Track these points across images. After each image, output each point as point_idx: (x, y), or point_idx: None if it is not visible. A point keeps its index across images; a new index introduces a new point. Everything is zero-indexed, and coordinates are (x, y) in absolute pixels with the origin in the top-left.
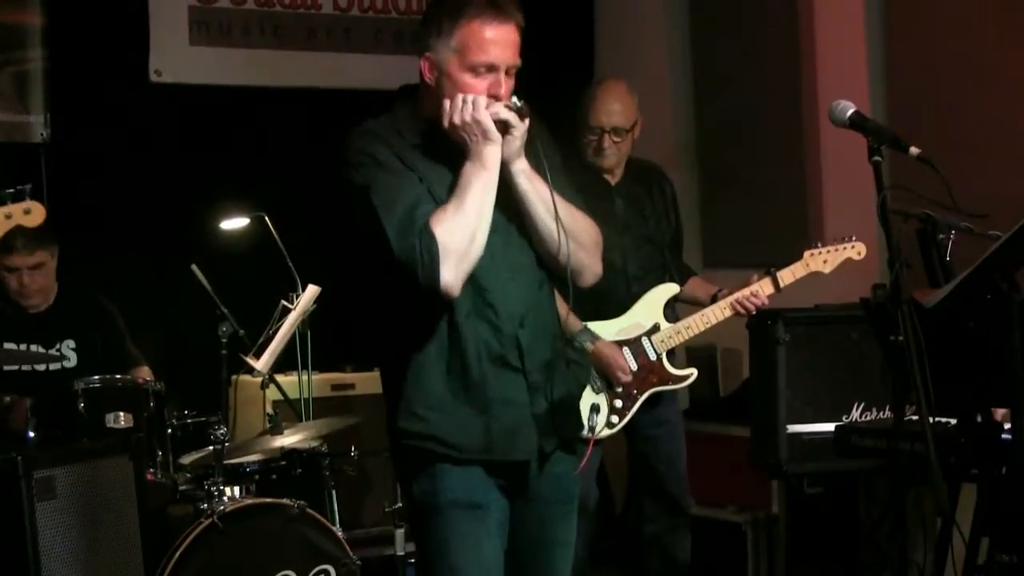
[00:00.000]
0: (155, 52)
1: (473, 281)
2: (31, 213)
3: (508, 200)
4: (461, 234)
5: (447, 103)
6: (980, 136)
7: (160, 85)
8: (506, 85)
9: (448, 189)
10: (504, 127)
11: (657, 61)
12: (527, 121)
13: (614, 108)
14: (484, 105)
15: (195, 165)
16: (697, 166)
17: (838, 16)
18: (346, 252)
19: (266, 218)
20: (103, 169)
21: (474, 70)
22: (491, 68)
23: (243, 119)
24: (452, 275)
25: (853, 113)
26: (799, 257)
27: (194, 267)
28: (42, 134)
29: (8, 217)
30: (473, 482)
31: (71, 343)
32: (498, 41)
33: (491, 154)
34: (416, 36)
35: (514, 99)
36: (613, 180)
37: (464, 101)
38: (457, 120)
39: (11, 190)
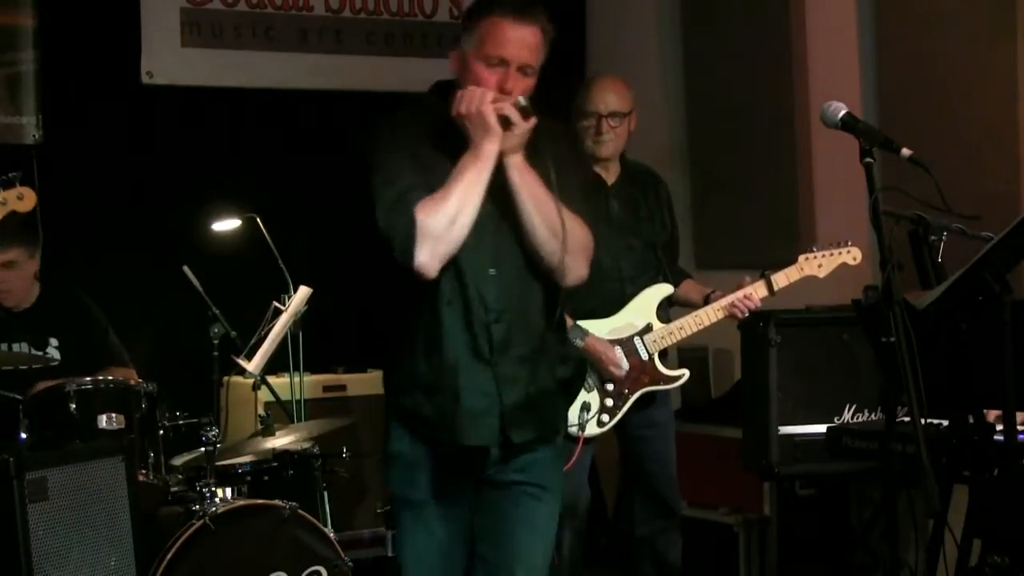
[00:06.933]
0: (147, 54)
1: (456, 270)
2: (24, 199)
3: (504, 195)
4: (441, 217)
5: (460, 93)
6: (971, 137)
7: (152, 87)
8: (518, 83)
9: None
10: (506, 123)
11: (648, 63)
12: (531, 121)
13: (610, 94)
14: (490, 99)
15: (187, 166)
16: (689, 168)
17: (830, 18)
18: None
19: (258, 219)
20: (95, 170)
21: (487, 61)
22: (502, 62)
23: (235, 121)
24: (427, 256)
25: (845, 114)
26: (793, 260)
27: (186, 268)
28: (34, 135)
29: (3, 204)
30: (415, 477)
31: (54, 341)
32: (515, 40)
33: (488, 147)
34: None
35: (520, 99)
36: (609, 180)
37: (472, 93)
38: (464, 110)
39: (3, 176)
